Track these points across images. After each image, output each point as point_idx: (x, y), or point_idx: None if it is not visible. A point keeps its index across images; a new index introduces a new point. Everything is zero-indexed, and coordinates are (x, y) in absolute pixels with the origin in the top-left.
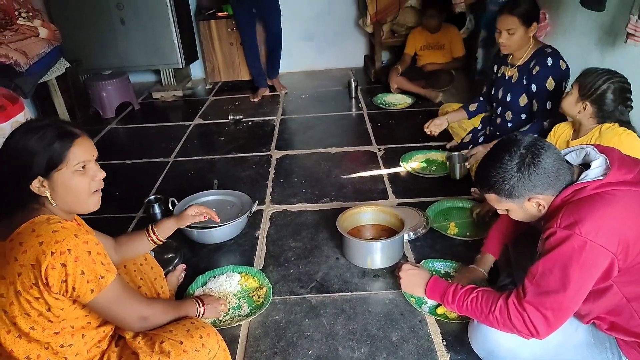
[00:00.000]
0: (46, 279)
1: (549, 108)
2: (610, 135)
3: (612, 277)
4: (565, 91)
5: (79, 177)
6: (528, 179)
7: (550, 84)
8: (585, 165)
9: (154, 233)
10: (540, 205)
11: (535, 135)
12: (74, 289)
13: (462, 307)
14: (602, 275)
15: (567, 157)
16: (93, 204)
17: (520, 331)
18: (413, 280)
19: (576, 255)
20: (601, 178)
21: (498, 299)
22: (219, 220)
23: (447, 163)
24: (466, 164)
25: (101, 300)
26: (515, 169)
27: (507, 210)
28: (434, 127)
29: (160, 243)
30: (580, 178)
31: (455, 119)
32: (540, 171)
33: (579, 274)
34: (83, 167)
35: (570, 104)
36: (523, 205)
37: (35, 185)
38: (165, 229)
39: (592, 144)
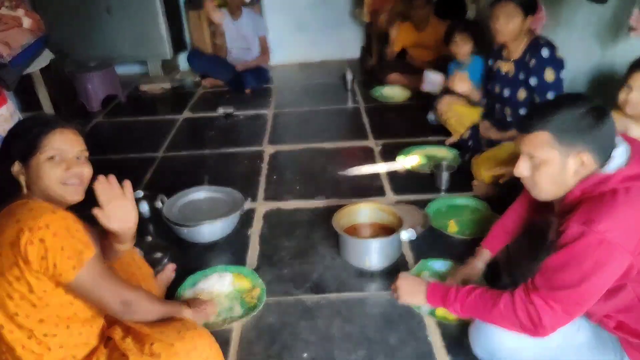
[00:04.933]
0: (25, 255)
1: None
2: None
3: (630, 277)
4: (622, 93)
5: (50, 166)
6: (588, 128)
7: (549, 76)
8: None
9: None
10: (583, 164)
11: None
12: (55, 265)
13: (465, 304)
14: (619, 275)
15: None
16: (68, 194)
17: (524, 324)
18: (412, 288)
19: (591, 253)
20: (623, 168)
21: (503, 293)
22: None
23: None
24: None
25: (83, 277)
26: (579, 114)
27: (540, 166)
28: (460, 84)
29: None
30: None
31: (468, 92)
32: (600, 128)
33: (593, 272)
34: (57, 156)
35: None
36: (567, 159)
37: (15, 170)
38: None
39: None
